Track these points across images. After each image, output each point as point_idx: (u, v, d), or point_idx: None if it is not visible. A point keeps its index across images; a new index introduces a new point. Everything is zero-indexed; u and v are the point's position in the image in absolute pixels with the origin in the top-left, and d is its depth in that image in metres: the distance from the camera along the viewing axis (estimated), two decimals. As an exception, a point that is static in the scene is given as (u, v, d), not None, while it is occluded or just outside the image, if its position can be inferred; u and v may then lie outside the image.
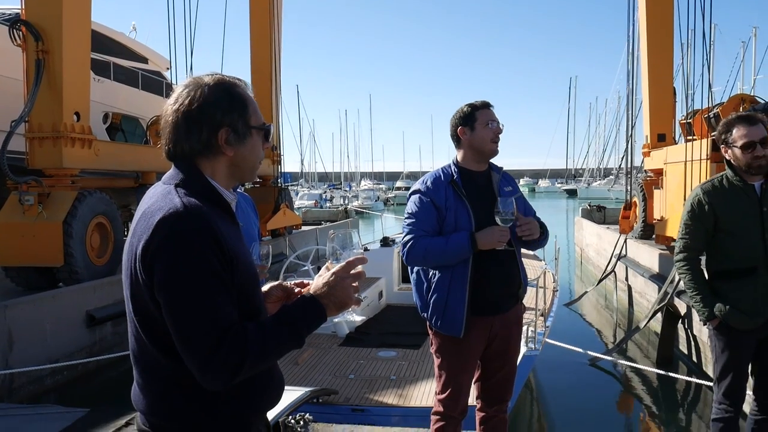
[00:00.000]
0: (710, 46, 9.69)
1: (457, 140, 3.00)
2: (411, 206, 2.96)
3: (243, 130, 1.53)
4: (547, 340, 5.90)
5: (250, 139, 1.55)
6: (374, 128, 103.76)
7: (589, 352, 8.01)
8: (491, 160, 3.04)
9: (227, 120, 1.49)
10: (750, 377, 3.10)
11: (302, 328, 1.47)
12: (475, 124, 2.91)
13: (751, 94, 11.90)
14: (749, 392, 3.16)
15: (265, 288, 1.68)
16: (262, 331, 1.40)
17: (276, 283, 1.74)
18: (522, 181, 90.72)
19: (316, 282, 1.56)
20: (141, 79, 13.78)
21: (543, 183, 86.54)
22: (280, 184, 15.03)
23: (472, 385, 3.10)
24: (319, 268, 8.59)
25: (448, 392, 2.97)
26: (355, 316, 1.86)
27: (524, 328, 5.57)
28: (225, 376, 1.34)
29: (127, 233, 1.57)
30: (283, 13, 15.67)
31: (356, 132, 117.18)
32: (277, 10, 14.83)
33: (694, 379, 6.72)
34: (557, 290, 8.02)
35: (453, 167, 2.99)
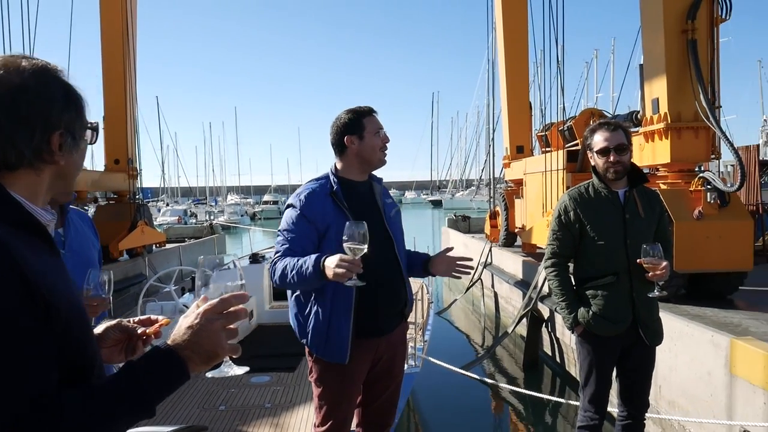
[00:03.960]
0: (562, 66, 10.35)
1: (340, 149, 2.76)
2: (283, 222, 2.71)
3: (79, 133, 1.19)
4: (426, 357, 5.85)
5: (83, 143, 1.22)
6: (240, 141, 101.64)
7: (458, 370, 7.86)
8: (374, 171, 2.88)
9: (64, 120, 1.14)
10: (614, 382, 3.16)
11: (152, 391, 1.10)
12: (364, 133, 2.70)
13: (597, 108, 12.86)
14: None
15: (97, 330, 1.33)
16: (88, 400, 1.04)
17: (113, 322, 1.39)
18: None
19: (179, 325, 1.20)
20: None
21: (409, 194, 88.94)
22: (137, 200, 14.07)
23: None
24: (183, 290, 8.04)
25: (329, 425, 2.72)
26: (233, 369, 1.42)
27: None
28: None
29: None
30: (138, 19, 14.72)
31: (221, 145, 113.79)
32: (131, 12, 13.92)
33: (554, 398, 6.94)
34: (432, 302, 8.06)
35: (332, 177, 2.74)
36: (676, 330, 5.46)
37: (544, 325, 9.04)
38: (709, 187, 6.95)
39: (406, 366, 5.10)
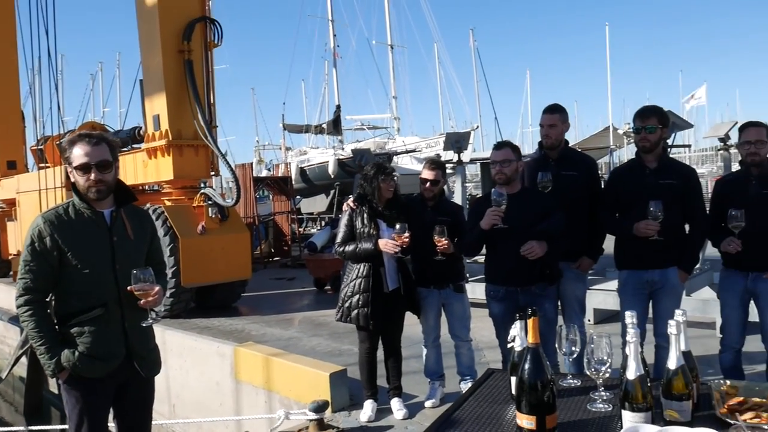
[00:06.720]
0: (59, 75, 9.48)
1: None
2: None
3: None
4: None
5: None
6: None
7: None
8: None
9: None
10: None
11: None
12: None
13: (102, 122, 12.38)
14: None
15: None
16: None
17: None
18: None
19: None
20: None
21: None
22: None
23: None
24: None
25: None
26: None
27: None
28: None
29: None
30: None
31: None
32: None
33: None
34: None
35: None
36: (186, 346, 5.49)
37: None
38: (210, 202, 7.28)
39: None
